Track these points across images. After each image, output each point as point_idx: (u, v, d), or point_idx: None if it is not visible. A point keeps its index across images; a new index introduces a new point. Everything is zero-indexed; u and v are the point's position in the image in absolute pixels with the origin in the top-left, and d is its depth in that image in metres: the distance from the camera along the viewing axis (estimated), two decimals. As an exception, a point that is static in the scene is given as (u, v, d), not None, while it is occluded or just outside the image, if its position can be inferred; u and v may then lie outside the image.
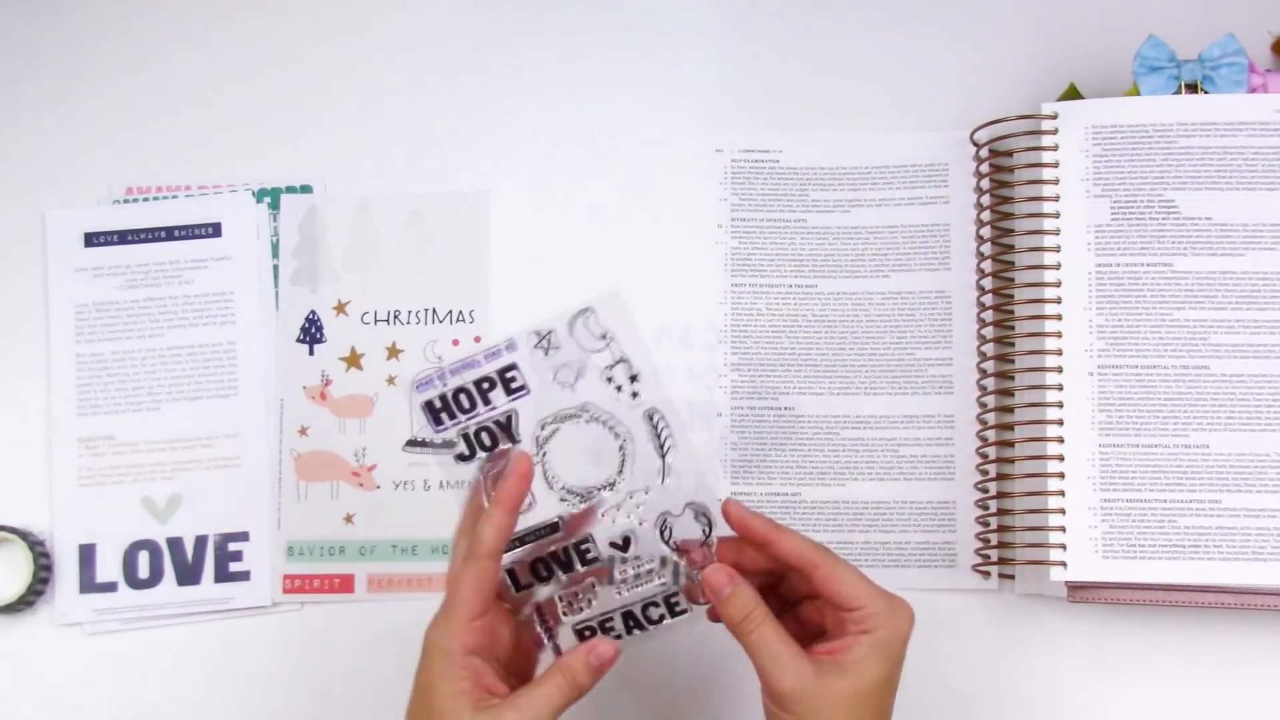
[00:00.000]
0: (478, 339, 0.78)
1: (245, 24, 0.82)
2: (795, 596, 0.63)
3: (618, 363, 0.60)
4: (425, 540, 0.77)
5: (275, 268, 0.79)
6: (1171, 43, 0.73)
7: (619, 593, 0.61)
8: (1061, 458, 0.70)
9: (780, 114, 0.80)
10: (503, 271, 0.79)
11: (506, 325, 0.78)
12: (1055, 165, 0.73)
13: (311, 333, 0.78)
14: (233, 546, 0.76)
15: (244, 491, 0.77)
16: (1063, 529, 0.69)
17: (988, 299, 0.76)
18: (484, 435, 0.60)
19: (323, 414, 0.78)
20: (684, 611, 0.61)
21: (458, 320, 0.79)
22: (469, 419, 0.60)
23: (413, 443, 0.62)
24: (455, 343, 0.78)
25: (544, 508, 0.60)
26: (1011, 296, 0.74)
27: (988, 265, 0.76)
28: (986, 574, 0.74)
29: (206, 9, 0.82)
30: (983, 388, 0.75)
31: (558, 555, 0.60)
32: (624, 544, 0.60)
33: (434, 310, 0.78)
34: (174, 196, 0.80)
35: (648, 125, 0.80)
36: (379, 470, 0.77)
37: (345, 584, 0.76)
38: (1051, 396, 0.71)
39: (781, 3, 0.81)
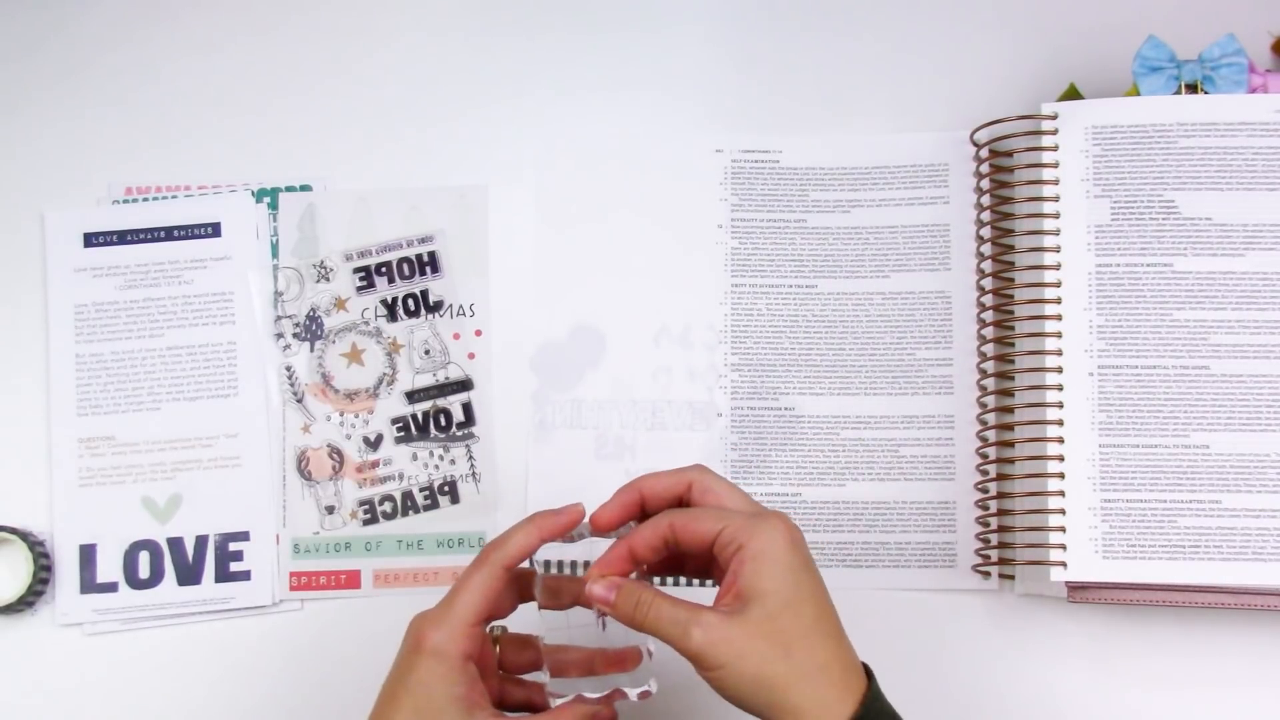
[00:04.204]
0: (479, 333, 0.78)
1: (243, 24, 0.82)
2: (701, 568, 0.60)
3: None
4: (430, 535, 0.77)
5: (275, 267, 0.79)
6: (1171, 43, 0.73)
7: None
8: (1061, 458, 0.70)
9: (780, 114, 0.80)
10: (502, 267, 0.79)
11: (507, 320, 0.78)
12: (1055, 165, 0.73)
13: (313, 329, 0.78)
14: (233, 546, 0.76)
15: (244, 491, 0.77)
16: (1063, 529, 0.70)
17: (988, 299, 0.76)
18: None
19: (325, 410, 0.78)
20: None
21: (458, 314, 0.79)
22: None
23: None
24: (456, 336, 0.78)
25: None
26: (1011, 296, 0.74)
27: (988, 265, 0.76)
28: (986, 574, 0.74)
29: (205, 10, 0.82)
30: (983, 388, 0.75)
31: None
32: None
33: (434, 305, 0.79)
34: (173, 197, 0.80)
35: (648, 125, 0.80)
36: (383, 465, 0.77)
37: (352, 580, 0.77)
38: (1051, 397, 0.71)
39: (781, 3, 0.81)
